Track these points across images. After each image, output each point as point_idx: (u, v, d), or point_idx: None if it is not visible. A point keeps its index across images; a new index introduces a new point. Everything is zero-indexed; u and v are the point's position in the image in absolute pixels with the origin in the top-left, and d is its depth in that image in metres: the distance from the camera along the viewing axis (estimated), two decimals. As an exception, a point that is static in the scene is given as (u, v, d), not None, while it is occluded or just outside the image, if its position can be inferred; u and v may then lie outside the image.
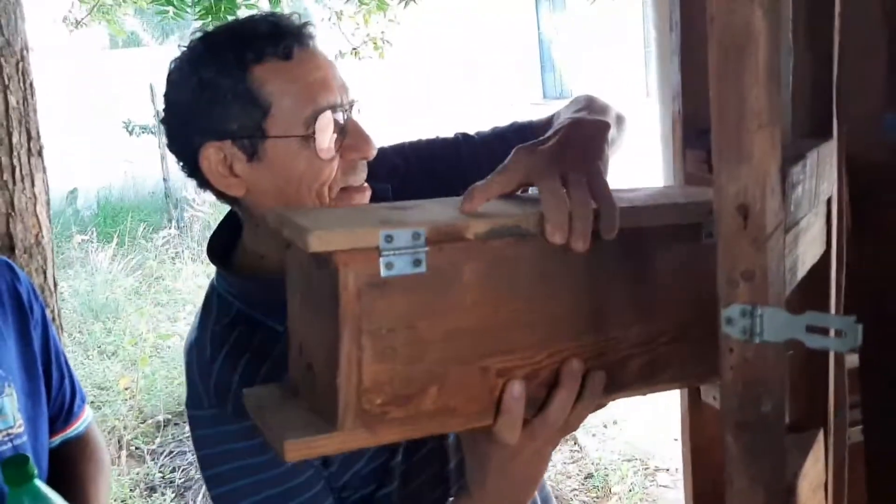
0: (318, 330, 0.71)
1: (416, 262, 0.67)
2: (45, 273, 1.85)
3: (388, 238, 0.65)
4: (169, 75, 0.97)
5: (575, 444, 3.84)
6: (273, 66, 0.92)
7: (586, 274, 0.74)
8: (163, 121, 0.99)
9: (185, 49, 0.96)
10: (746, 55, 0.64)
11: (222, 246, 1.05)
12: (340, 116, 0.94)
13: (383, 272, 0.65)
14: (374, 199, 1.01)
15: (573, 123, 0.83)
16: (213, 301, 1.02)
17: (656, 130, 2.27)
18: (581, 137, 0.80)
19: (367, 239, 0.65)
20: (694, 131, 1.13)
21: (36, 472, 1.06)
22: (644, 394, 0.83)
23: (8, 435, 1.18)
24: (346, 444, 0.69)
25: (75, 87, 10.65)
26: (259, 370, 0.94)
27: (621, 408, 4.04)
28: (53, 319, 1.84)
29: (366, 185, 0.99)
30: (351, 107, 0.97)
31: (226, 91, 0.91)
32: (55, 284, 1.86)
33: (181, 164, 0.99)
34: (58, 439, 1.32)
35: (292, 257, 0.76)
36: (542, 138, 0.80)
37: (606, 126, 0.84)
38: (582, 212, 0.70)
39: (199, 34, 0.96)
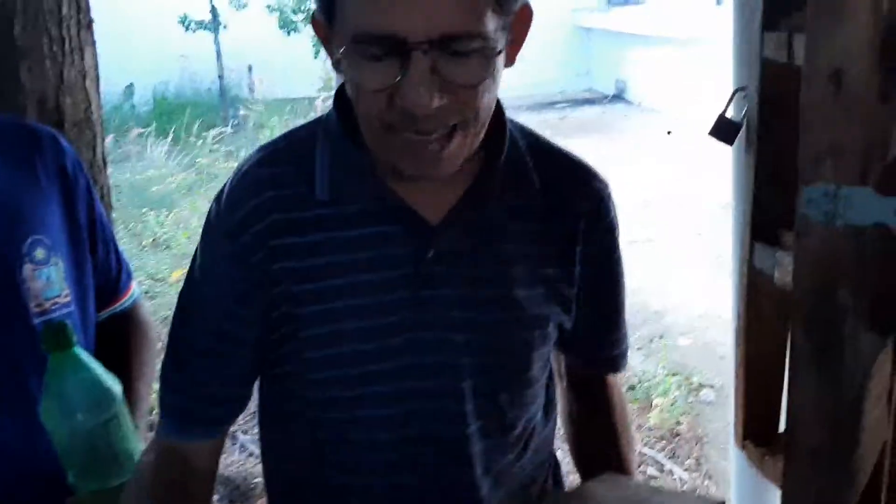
0: None
1: None
2: (94, 149, 1.83)
3: None
4: None
5: (619, 356, 3.82)
6: None
7: None
8: None
9: None
10: None
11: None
12: (408, 53, 0.77)
13: None
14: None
15: None
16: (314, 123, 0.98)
17: (728, 31, 2.14)
18: None
19: None
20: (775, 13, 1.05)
21: (76, 338, 1.06)
22: None
23: (55, 304, 1.17)
24: None
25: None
26: (271, 213, 0.90)
27: (667, 323, 4.00)
28: (102, 197, 1.83)
29: (421, 135, 0.82)
30: (443, 45, 0.77)
31: None
32: (104, 161, 1.84)
33: None
34: (105, 313, 1.32)
35: None
36: None
37: None
38: None
39: None
